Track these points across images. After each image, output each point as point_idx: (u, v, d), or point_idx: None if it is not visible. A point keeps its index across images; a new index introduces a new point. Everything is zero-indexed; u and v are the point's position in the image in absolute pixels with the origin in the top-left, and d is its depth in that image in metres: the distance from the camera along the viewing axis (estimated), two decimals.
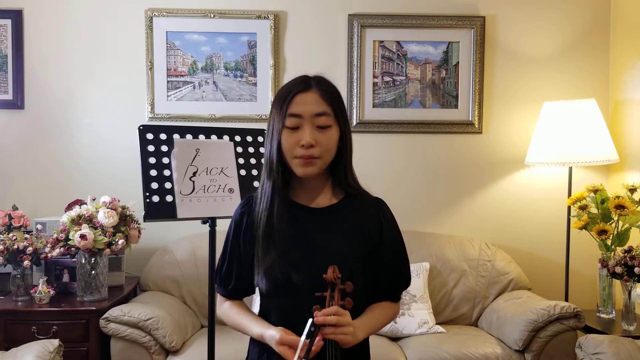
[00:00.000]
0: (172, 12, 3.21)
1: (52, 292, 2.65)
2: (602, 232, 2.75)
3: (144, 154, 2.13)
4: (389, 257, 1.44)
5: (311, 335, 1.21)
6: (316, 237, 1.37)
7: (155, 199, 2.10)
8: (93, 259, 2.61)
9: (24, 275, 2.68)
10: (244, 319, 1.42)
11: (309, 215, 1.40)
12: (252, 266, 1.39)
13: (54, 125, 3.23)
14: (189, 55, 3.25)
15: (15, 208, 2.86)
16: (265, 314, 1.41)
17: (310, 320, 1.22)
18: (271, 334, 1.30)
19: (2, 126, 3.20)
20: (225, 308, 1.48)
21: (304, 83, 1.38)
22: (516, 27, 3.34)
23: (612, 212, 2.74)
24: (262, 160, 1.44)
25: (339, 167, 1.40)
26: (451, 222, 3.36)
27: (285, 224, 1.36)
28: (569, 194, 3.05)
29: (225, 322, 1.49)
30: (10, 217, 2.79)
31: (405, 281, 1.50)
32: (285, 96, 1.36)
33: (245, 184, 2.22)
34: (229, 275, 1.44)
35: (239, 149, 2.27)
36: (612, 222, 2.78)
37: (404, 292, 2.87)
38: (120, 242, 2.59)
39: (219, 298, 1.51)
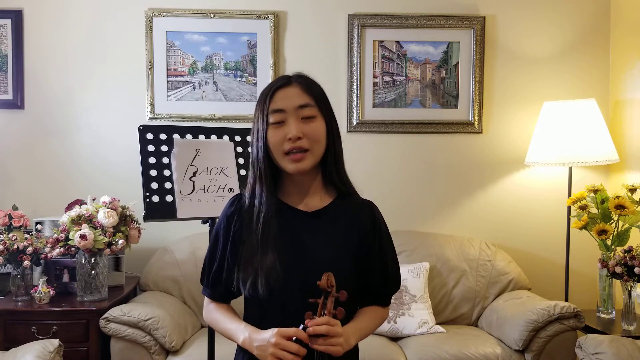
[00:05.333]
0: (172, 12, 3.21)
1: (52, 292, 2.65)
2: (602, 232, 2.74)
3: (144, 154, 2.13)
4: (381, 262, 1.41)
5: (301, 342, 1.19)
6: (307, 241, 1.34)
7: (155, 199, 2.10)
8: (93, 259, 2.61)
9: (24, 275, 2.68)
10: (228, 322, 1.36)
11: (300, 218, 1.36)
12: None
13: (54, 125, 3.23)
14: (189, 55, 3.25)
15: (15, 208, 2.87)
16: (250, 320, 1.35)
17: (301, 325, 1.20)
18: (264, 337, 1.23)
19: (2, 126, 3.20)
20: (210, 309, 1.43)
21: (284, 79, 1.36)
22: (516, 27, 3.34)
23: (612, 212, 2.73)
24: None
25: (329, 163, 1.37)
26: (451, 222, 3.36)
27: (275, 227, 1.32)
28: (569, 194, 3.05)
29: (211, 325, 1.42)
30: (10, 217, 2.79)
31: (396, 285, 1.46)
32: (266, 94, 1.35)
33: (245, 184, 2.21)
34: (219, 278, 1.39)
35: (239, 149, 2.27)
36: (612, 222, 2.78)
37: (404, 292, 2.90)
38: (120, 242, 2.59)
39: (205, 300, 1.45)
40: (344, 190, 1.41)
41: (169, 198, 2.11)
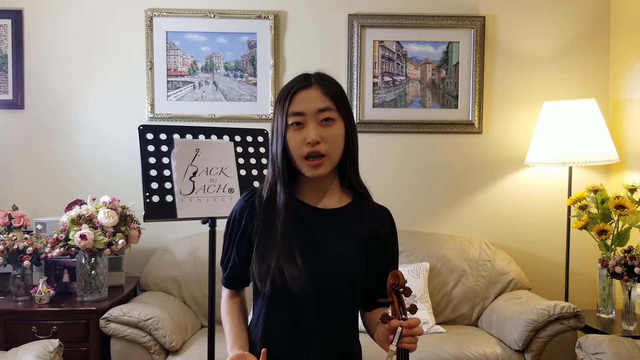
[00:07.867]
0: (172, 12, 3.21)
1: (52, 292, 2.65)
2: (602, 232, 2.74)
3: (144, 154, 2.13)
4: (393, 266, 1.43)
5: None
6: (322, 238, 1.34)
7: (155, 199, 2.10)
8: (93, 259, 2.61)
9: (24, 275, 2.68)
10: (228, 330, 1.39)
11: (316, 215, 1.37)
12: (249, 258, 1.35)
13: (54, 125, 3.23)
14: (189, 55, 3.25)
15: (15, 208, 2.86)
16: (263, 314, 1.36)
17: (399, 329, 1.21)
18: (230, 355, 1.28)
19: (2, 126, 3.20)
20: (222, 299, 1.46)
21: (305, 80, 1.35)
22: (516, 27, 3.34)
23: (612, 212, 2.73)
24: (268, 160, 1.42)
25: (347, 165, 1.38)
26: (451, 222, 3.36)
27: (290, 222, 1.32)
28: (569, 194, 3.05)
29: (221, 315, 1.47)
30: (10, 217, 2.79)
31: None
32: (286, 94, 1.34)
33: (245, 184, 2.22)
34: (227, 263, 1.42)
35: (239, 149, 2.27)
36: (612, 222, 2.78)
37: None
38: (120, 242, 2.59)
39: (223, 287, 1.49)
40: (360, 193, 1.42)
41: (169, 198, 2.11)
